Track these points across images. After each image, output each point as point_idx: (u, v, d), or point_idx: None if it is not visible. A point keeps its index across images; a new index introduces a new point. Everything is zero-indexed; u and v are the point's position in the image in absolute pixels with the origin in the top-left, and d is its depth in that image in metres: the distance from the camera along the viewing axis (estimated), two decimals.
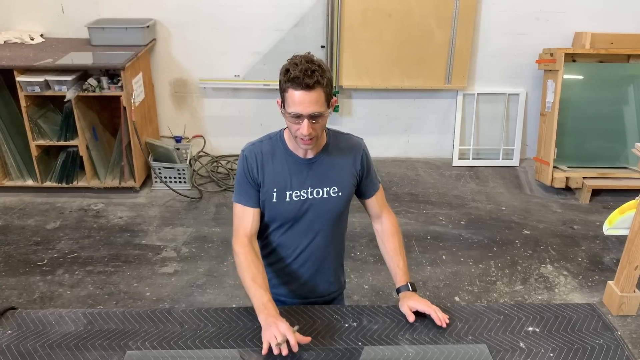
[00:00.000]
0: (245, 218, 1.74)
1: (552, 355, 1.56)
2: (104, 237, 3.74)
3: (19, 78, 3.79)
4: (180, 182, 4.36)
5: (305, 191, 1.74)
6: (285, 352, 1.46)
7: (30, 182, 4.20)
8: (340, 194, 1.76)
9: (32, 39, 4.33)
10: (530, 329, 1.67)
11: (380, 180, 1.93)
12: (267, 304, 1.57)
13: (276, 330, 1.48)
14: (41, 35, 4.42)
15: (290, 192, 1.73)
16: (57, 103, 4.05)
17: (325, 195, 1.75)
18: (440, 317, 1.66)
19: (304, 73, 1.52)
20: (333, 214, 1.79)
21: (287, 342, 1.47)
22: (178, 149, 4.44)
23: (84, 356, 1.53)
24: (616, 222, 2.90)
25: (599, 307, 1.79)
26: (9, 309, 1.71)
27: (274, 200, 1.73)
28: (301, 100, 1.54)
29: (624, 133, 4.46)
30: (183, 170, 4.32)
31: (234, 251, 1.71)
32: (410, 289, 1.75)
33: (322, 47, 4.43)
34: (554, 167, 4.35)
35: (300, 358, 1.52)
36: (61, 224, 3.89)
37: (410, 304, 1.70)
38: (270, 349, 1.47)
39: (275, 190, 1.72)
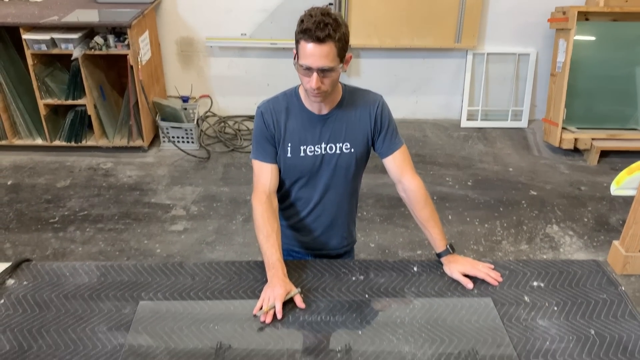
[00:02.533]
0: (264, 174, 1.75)
1: (556, 309, 1.59)
2: (114, 195, 3.78)
3: (25, 36, 3.76)
4: (188, 142, 4.37)
5: (319, 146, 1.74)
6: (269, 320, 1.51)
7: (39, 141, 4.22)
8: (352, 150, 1.76)
9: None
10: (535, 283, 1.69)
11: (404, 141, 1.83)
12: (275, 263, 1.61)
13: (271, 293, 1.54)
14: None
15: (305, 147, 1.74)
16: (64, 62, 4.03)
17: (337, 151, 1.76)
18: (493, 277, 1.69)
19: (317, 25, 1.50)
20: (346, 170, 1.79)
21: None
22: (185, 108, 4.43)
23: (98, 306, 1.57)
24: (624, 183, 2.89)
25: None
26: (24, 260, 1.75)
27: (289, 155, 1.74)
28: (312, 53, 1.53)
29: (636, 94, 4.40)
30: (191, 130, 4.33)
31: (252, 207, 1.73)
32: (451, 251, 1.74)
33: (330, 4, 4.35)
34: (563, 128, 4.32)
35: (309, 308, 1.56)
36: (71, 182, 3.93)
37: (459, 269, 1.71)
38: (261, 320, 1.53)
39: (289, 145, 1.73)
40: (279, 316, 1.51)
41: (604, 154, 4.32)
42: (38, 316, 1.52)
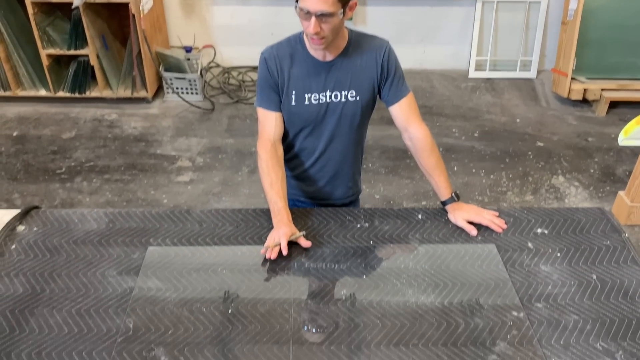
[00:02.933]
0: (268, 122, 1.73)
1: (559, 255, 1.60)
2: (119, 146, 3.79)
3: None
4: (191, 93, 4.33)
5: (324, 94, 1.71)
6: (274, 256, 1.54)
7: (43, 92, 4.20)
8: (358, 98, 1.73)
9: None
10: (539, 230, 1.70)
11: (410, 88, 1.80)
12: (280, 210, 1.63)
13: (276, 234, 1.57)
14: None
15: (309, 95, 1.71)
16: (65, 11, 3.96)
17: (343, 100, 1.73)
18: (497, 224, 1.70)
19: None
20: (351, 119, 1.76)
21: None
22: (188, 59, 4.37)
23: (107, 252, 1.60)
24: (632, 133, 2.85)
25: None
26: (33, 208, 1.77)
27: (293, 103, 1.72)
28: None
29: None
30: (194, 81, 4.28)
31: (257, 154, 1.73)
32: (456, 199, 1.75)
33: None
34: (572, 78, 4.25)
35: (314, 254, 1.59)
36: (76, 133, 3.93)
37: (463, 216, 1.71)
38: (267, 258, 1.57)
39: (294, 93, 1.71)
40: (285, 252, 1.54)
41: (613, 104, 4.26)
42: (49, 261, 1.56)
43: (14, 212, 1.73)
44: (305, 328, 1.36)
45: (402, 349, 1.30)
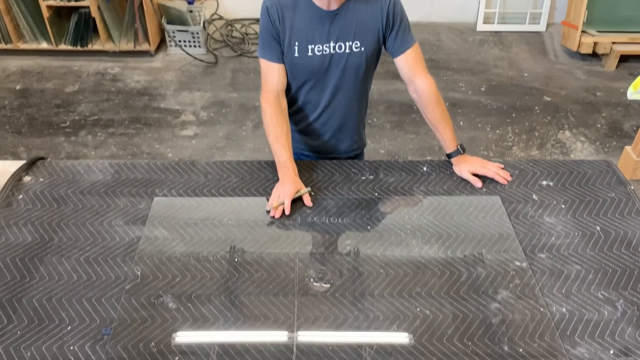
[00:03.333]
0: (271, 74, 1.71)
1: (563, 206, 1.60)
2: (123, 100, 3.77)
3: None
4: (194, 46, 4.27)
5: (328, 45, 1.68)
6: (278, 215, 1.55)
7: (44, 45, 4.15)
8: (362, 49, 1.70)
9: None
10: (544, 182, 1.70)
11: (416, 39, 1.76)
12: (286, 163, 1.62)
13: (281, 191, 1.57)
14: None
15: (313, 46, 1.67)
16: None
17: (347, 50, 1.69)
18: (502, 176, 1.70)
19: None
20: (356, 71, 1.73)
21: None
22: (191, 11, 4.29)
23: (114, 202, 1.61)
24: None
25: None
26: (39, 158, 1.78)
27: (296, 54, 1.68)
28: None
29: None
30: (197, 33, 4.22)
31: (261, 107, 1.71)
32: (461, 151, 1.74)
33: None
34: (583, 31, 4.15)
35: (319, 206, 1.59)
36: (80, 87, 3.90)
37: (468, 168, 1.71)
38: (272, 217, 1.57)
39: (297, 43, 1.67)
40: (287, 212, 1.54)
41: (624, 58, 4.18)
42: (56, 211, 1.57)
43: (19, 163, 1.74)
44: (311, 279, 1.38)
45: (405, 297, 1.32)
